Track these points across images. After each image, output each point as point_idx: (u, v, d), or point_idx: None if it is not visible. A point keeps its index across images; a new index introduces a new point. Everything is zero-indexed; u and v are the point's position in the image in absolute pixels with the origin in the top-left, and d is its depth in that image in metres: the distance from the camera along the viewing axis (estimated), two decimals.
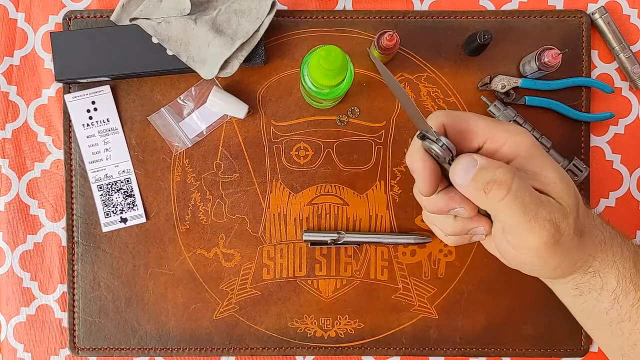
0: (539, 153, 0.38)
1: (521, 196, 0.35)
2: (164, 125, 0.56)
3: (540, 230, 0.35)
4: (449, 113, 0.39)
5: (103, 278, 0.56)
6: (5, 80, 0.57)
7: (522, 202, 0.35)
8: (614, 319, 0.41)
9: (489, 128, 0.38)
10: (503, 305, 0.56)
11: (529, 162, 0.37)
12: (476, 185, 0.35)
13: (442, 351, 0.57)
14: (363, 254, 0.57)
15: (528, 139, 0.38)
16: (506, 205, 0.35)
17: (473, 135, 0.38)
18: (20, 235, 0.57)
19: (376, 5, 0.57)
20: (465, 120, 0.38)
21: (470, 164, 0.36)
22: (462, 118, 0.39)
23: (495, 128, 0.38)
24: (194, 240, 0.56)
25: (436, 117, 0.39)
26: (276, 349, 0.57)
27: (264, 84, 0.56)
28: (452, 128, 0.38)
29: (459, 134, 0.38)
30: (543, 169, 0.37)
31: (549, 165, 0.37)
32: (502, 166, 0.35)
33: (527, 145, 0.37)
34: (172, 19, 0.52)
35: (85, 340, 0.56)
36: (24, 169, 0.57)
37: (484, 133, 0.38)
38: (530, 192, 0.35)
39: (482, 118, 0.39)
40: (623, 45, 0.56)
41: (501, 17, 0.56)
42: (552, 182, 0.37)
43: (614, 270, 0.39)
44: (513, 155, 0.38)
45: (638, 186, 0.58)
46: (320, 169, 0.56)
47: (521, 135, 0.38)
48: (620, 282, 0.39)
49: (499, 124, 0.38)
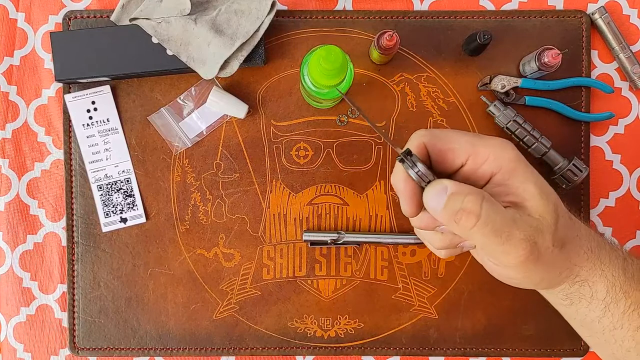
0: (520, 167, 0.37)
1: (492, 221, 0.35)
2: (164, 125, 0.56)
3: (515, 250, 0.36)
4: (430, 133, 0.39)
5: (103, 278, 0.56)
6: (5, 80, 0.57)
7: (493, 228, 0.35)
8: (607, 327, 0.41)
9: (470, 145, 0.38)
10: (503, 305, 0.56)
11: (510, 176, 0.37)
12: (447, 215, 0.36)
13: (442, 351, 0.57)
14: (363, 254, 0.57)
15: (509, 153, 0.38)
16: (477, 232, 0.35)
17: (455, 153, 0.38)
18: (20, 235, 0.57)
19: (376, 5, 0.57)
20: (446, 140, 0.38)
21: (441, 191, 0.36)
22: (442, 138, 0.39)
23: (476, 145, 0.38)
24: (194, 240, 0.56)
25: (417, 137, 0.39)
26: (276, 349, 0.57)
27: (264, 84, 0.56)
28: (432, 148, 0.39)
29: (440, 153, 0.39)
30: (523, 183, 0.37)
31: (529, 179, 0.37)
32: (470, 193, 0.35)
33: (509, 159, 0.37)
34: (172, 19, 0.52)
35: (85, 340, 0.56)
36: (24, 169, 0.57)
37: (466, 150, 0.38)
38: (501, 215, 0.35)
39: (464, 135, 0.39)
40: (623, 45, 0.56)
41: (501, 17, 0.56)
42: (531, 197, 0.37)
43: (603, 279, 0.39)
44: (495, 170, 0.38)
45: (638, 186, 0.58)
46: (320, 169, 0.56)
47: (503, 150, 0.38)
48: (610, 291, 0.39)
49: (480, 140, 0.38)
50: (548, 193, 0.38)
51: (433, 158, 0.39)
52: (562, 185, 0.55)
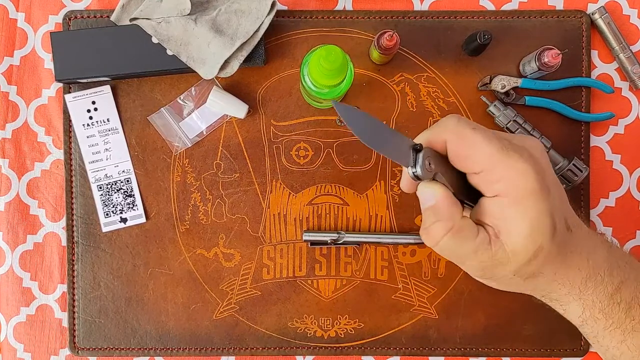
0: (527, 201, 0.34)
1: (447, 249, 0.37)
2: (164, 125, 0.56)
3: (471, 270, 0.38)
4: (455, 130, 0.36)
5: (103, 278, 0.56)
6: (5, 80, 0.57)
7: (449, 255, 0.37)
8: (589, 334, 0.40)
9: (491, 158, 0.35)
10: (503, 305, 0.56)
11: (512, 205, 0.35)
12: (424, 217, 0.38)
13: (442, 351, 0.57)
14: (363, 254, 0.57)
15: (526, 184, 0.34)
16: (437, 247, 0.37)
17: (472, 162, 0.36)
18: (20, 235, 0.57)
19: (376, 5, 0.57)
20: (468, 144, 0.36)
21: (430, 197, 0.37)
22: (465, 141, 0.36)
23: (498, 160, 0.35)
24: (194, 240, 0.56)
25: (441, 130, 0.37)
26: (276, 349, 0.57)
27: (264, 84, 0.56)
28: (452, 148, 0.37)
29: (458, 155, 0.37)
30: (519, 219, 0.35)
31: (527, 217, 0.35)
32: (441, 220, 0.36)
33: (522, 189, 0.34)
34: (172, 19, 0.52)
35: (85, 340, 0.56)
36: (24, 169, 0.57)
37: (484, 163, 0.35)
38: (459, 248, 0.36)
39: (490, 144, 0.35)
40: (623, 45, 0.56)
41: (501, 17, 0.56)
42: (516, 234, 0.35)
43: (579, 303, 0.38)
44: (503, 194, 0.35)
45: (638, 186, 0.58)
46: (320, 169, 0.56)
47: (523, 178, 0.35)
48: (586, 311, 0.38)
49: (505, 157, 0.35)
50: (539, 234, 0.35)
51: (449, 155, 0.37)
52: (562, 185, 0.55)
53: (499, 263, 0.36)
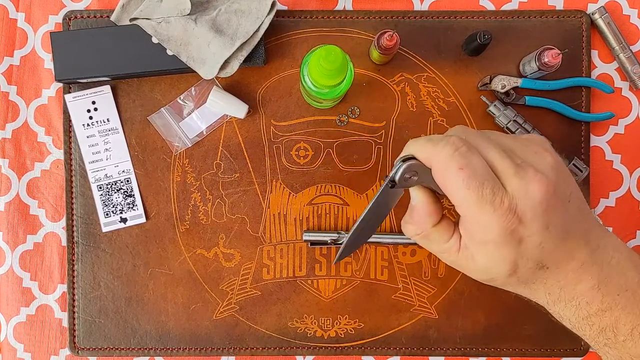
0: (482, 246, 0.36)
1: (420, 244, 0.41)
2: (164, 125, 0.56)
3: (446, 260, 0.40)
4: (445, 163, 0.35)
5: (103, 278, 0.56)
6: (5, 80, 0.57)
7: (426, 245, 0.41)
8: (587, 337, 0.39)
9: (462, 205, 0.35)
10: (503, 305, 0.56)
11: (469, 241, 0.37)
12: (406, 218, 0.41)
13: (442, 351, 0.57)
14: (363, 254, 0.57)
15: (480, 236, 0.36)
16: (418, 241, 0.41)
17: (449, 196, 0.36)
18: (20, 235, 0.57)
19: (376, 5, 0.57)
20: (448, 184, 0.35)
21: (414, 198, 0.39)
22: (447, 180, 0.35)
23: (466, 210, 0.35)
24: (194, 240, 0.56)
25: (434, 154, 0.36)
26: (276, 349, 0.57)
27: (264, 84, 0.56)
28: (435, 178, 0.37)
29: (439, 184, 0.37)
30: (475, 251, 0.37)
31: (483, 255, 0.36)
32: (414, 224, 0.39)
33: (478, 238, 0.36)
34: (172, 19, 0.52)
35: (85, 340, 0.56)
36: (24, 169, 0.57)
37: (456, 203, 0.35)
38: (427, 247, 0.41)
39: (467, 191, 0.34)
40: (623, 45, 0.56)
41: (501, 17, 0.56)
42: (476, 260, 0.37)
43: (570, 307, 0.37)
44: (468, 230, 0.37)
45: (638, 186, 0.58)
46: (320, 169, 0.56)
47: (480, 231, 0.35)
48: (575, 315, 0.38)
49: (476, 209, 0.34)
50: (493, 272, 0.37)
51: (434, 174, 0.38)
52: None
53: (467, 268, 0.39)
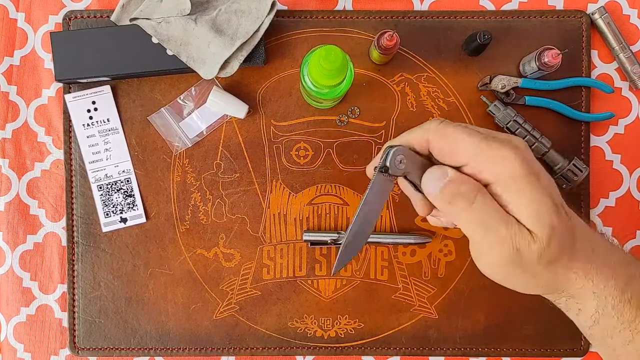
0: (519, 183, 0.36)
1: (482, 211, 0.36)
2: (164, 125, 0.56)
3: (499, 247, 0.36)
4: (436, 130, 0.38)
5: (103, 278, 0.56)
6: (5, 80, 0.57)
7: (482, 218, 0.36)
8: (596, 336, 0.40)
9: (474, 148, 0.36)
10: (503, 305, 0.56)
11: (506, 189, 0.36)
12: (443, 197, 0.37)
13: (442, 351, 0.57)
14: (363, 254, 0.57)
15: (512, 167, 0.35)
16: (467, 219, 0.36)
17: (456, 156, 0.37)
18: (20, 235, 0.57)
19: (376, 5, 0.57)
20: (450, 140, 0.37)
21: (441, 176, 0.37)
22: (447, 138, 0.37)
23: (481, 149, 0.36)
24: (194, 240, 0.56)
25: (423, 132, 0.38)
26: (276, 349, 0.57)
27: (264, 84, 0.56)
28: (435, 146, 0.38)
29: (441, 153, 0.38)
30: (519, 198, 0.36)
31: (526, 196, 0.35)
32: (468, 182, 0.36)
33: (509, 172, 0.36)
34: (172, 19, 0.52)
35: (85, 340, 0.56)
36: (24, 169, 0.57)
37: (468, 154, 0.37)
38: (493, 210, 0.36)
39: (471, 137, 0.36)
40: (623, 45, 0.56)
41: (501, 17, 0.56)
42: (526, 215, 0.36)
43: (594, 299, 0.38)
44: (492, 179, 0.36)
45: (638, 186, 0.58)
46: (320, 169, 0.56)
47: (505, 162, 0.36)
48: (599, 309, 0.38)
49: (487, 146, 0.36)
50: (544, 211, 0.35)
51: (434, 153, 0.39)
52: (562, 185, 0.55)
53: (525, 241, 0.36)
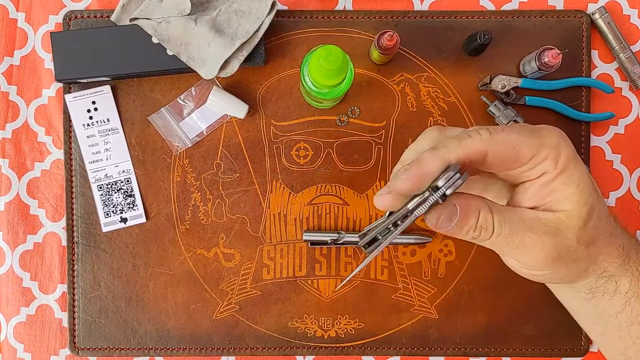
0: (570, 167, 0.36)
1: (504, 232, 0.36)
2: (164, 125, 0.56)
3: (530, 252, 0.36)
4: (492, 139, 0.35)
5: (103, 278, 0.56)
6: (5, 80, 0.57)
7: (506, 237, 0.36)
8: (623, 323, 0.41)
9: (534, 146, 0.36)
10: (503, 305, 0.56)
11: (556, 177, 0.36)
12: (464, 233, 0.37)
13: (442, 351, 0.57)
14: (363, 254, 0.57)
15: (566, 151, 0.36)
16: (495, 243, 0.37)
17: (519, 158, 0.36)
18: (20, 235, 0.57)
19: (376, 5, 0.57)
20: (511, 145, 0.36)
21: (452, 214, 0.36)
22: (508, 143, 0.36)
23: (539, 144, 0.36)
24: (194, 240, 0.56)
25: (478, 142, 0.36)
26: (276, 348, 0.57)
27: (264, 84, 0.56)
28: (496, 156, 0.36)
29: (502, 159, 0.36)
30: (565, 184, 0.36)
31: (574, 180, 0.36)
32: (478, 209, 0.36)
33: (566, 157, 0.36)
34: (172, 19, 0.52)
35: (85, 340, 0.56)
36: (24, 169, 0.57)
37: (530, 152, 0.36)
38: (512, 224, 0.36)
39: (523, 134, 0.36)
40: (623, 45, 0.56)
41: (501, 17, 0.56)
42: (567, 199, 0.36)
43: (629, 274, 0.40)
44: (549, 169, 0.36)
45: (638, 186, 0.58)
46: (320, 169, 0.56)
47: (561, 147, 0.36)
48: (632, 285, 0.40)
49: (539, 137, 0.36)
50: (587, 195, 0.36)
51: (489, 162, 0.37)
52: None
53: (556, 232, 0.36)
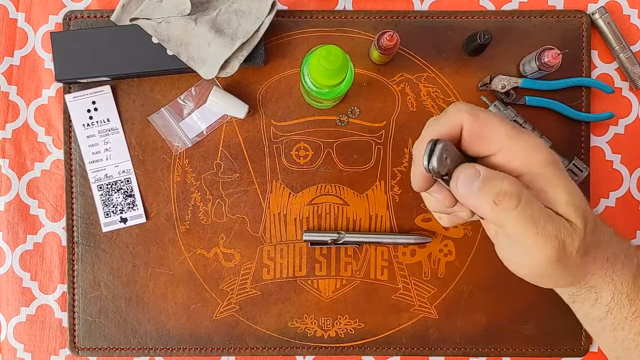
0: (551, 171, 0.36)
1: (530, 209, 0.34)
2: (164, 125, 0.56)
3: (545, 245, 0.35)
4: (472, 111, 0.36)
5: (103, 278, 0.56)
6: (5, 80, 0.57)
7: (532, 215, 0.34)
8: (608, 327, 0.41)
9: (508, 137, 0.35)
10: (503, 305, 0.56)
11: (537, 179, 0.36)
12: (486, 197, 0.35)
13: (442, 351, 0.57)
14: (363, 254, 0.57)
15: (543, 155, 0.35)
16: (516, 217, 0.34)
17: (489, 141, 0.36)
18: (20, 235, 0.57)
19: (376, 5, 0.57)
20: (486, 125, 0.36)
21: (474, 175, 0.35)
22: (482, 121, 0.36)
23: (513, 138, 0.35)
24: (194, 240, 0.56)
25: (457, 111, 0.36)
26: (276, 349, 0.57)
27: (264, 84, 0.56)
28: (469, 128, 0.36)
29: (474, 136, 0.37)
30: (553, 188, 0.36)
31: (561, 184, 0.36)
32: (508, 177, 0.35)
33: (541, 161, 0.36)
34: (172, 19, 0.52)
35: (85, 340, 0.56)
36: (24, 169, 0.57)
37: (501, 142, 0.36)
38: (539, 206, 0.35)
39: (503, 124, 0.36)
40: (623, 45, 0.56)
41: (501, 17, 0.56)
42: (560, 202, 0.35)
43: (610, 286, 0.39)
44: (524, 170, 0.36)
45: (638, 186, 0.58)
46: (320, 169, 0.56)
47: (537, 150, 0.35)
48: (615, 297, 0.39)
49: (518, 135, 0.36)
50: (579, 201, 0.36)
51: (465, 138, 0.37)
52: None
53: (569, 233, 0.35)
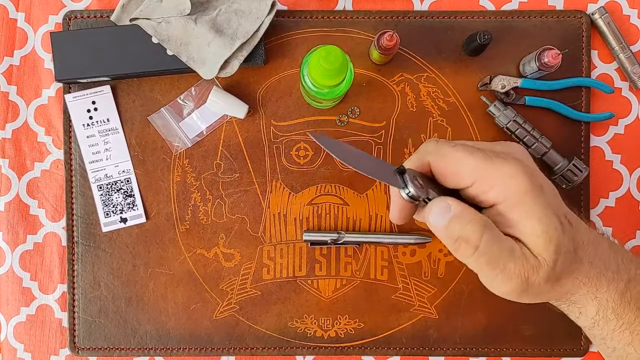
0: (526, 200, 0.35)
1: (489, 253, 0.35)
2: (164, 125, 0.56)
3: (506, 282, 0.35)
4: (436, 151, 0.37)
5: (103, 278, 0.56)
6: (5, 80, 0.57)
7: (489, 260, 0.35)
8: (597, 336, 0.40)
9: (478, 169, 0.36)
10: (503, 305, 0.56)
11: (513, 209, 0.35)
12: (448, 237, 0.36)
13: (442, 351, 0.57)
14: (363, 254, 0.57)
15: (518, 184, 0.35)
16: (473, 262, 0.36)
17: (460, 177, 0.37)
18: (20, 235, 0.57)
19: (376, 5, 0.57)
20: (452, 162, 0.36)
21: (444, 210, 0.36)
22: (448, 159, 0.37)
23: (485, 169, 0.35)
24: (194, 240, 0.56)
25: (422, 154, 0.38)
26: (276, 348, 0.57)
27: (264, 84, 0.56)
28: (436, 167, 0.37)
29: (444, 174, 0.37)
30: (526, 219, 0.35)
31: (534, 215, 0.35)
32: (472, 221, 0.35)
33: (516, 191, 0.35)
34: (172, 19, 0.52)
35: (85, 340, 0.56)
36: (24, 169, 0.57)
37: (472, 175, 0.36)
38: (499, 247, 0.35)
39: (473, 156, 0.36)
40: (623, 46, 0.56)
41: (501, 17, 0.56)
42: (532, 234, 0.35)
43: (595, 302, 0.38)
44: (500, 200, 0.36)
45: (638, 186, 0.58)
46: (320, 169, 0.56)
47: (513, 179, 0.35)
48: (600, 312, 0.38)
49: (490, 165, 0.35)
50: (552, 232, 0.35)
51: (436, 176, 0.38)
52: (562, 185, 0.55)
53: (533, 268, 0.35)
